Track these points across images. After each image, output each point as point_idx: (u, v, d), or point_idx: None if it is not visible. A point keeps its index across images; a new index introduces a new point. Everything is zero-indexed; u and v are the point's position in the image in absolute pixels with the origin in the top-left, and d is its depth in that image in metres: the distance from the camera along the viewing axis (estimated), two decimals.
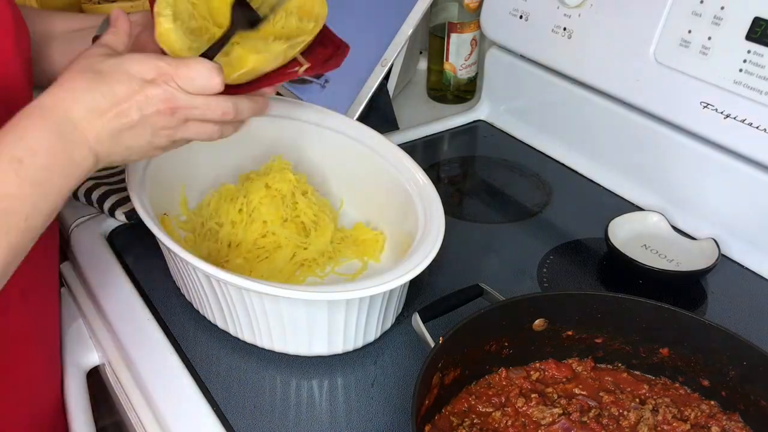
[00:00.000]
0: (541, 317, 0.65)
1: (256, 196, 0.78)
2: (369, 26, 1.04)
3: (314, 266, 0.79)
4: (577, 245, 0.88)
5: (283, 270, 0.77)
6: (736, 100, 0.79)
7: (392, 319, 0.73)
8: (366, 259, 0.81)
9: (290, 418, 0.65)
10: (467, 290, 0.69)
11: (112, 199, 0.87)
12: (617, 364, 0.68)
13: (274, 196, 0.79)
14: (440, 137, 1.12)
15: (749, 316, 0.77)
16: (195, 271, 0.68)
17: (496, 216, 0.95)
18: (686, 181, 0.88)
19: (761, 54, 0.76)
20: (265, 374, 0.69)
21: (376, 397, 0.67)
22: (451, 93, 1.20)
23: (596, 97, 0.96)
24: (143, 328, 0.73)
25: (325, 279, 0.79)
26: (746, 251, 0.84)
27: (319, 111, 0.87)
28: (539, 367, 0.67)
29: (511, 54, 1.08)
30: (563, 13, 0.96)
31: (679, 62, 0.83)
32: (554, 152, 1.05)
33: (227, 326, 0.72)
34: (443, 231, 0.70)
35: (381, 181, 0.81)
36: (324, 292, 0.64)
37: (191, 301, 0.76)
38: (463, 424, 0.61)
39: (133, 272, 0.80)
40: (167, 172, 0.80)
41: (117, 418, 0.73)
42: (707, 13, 0.80)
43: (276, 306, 0.66)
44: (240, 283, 0.63)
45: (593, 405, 0.64)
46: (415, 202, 0.75)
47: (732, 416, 0.63)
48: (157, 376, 0.68)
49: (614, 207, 0.92)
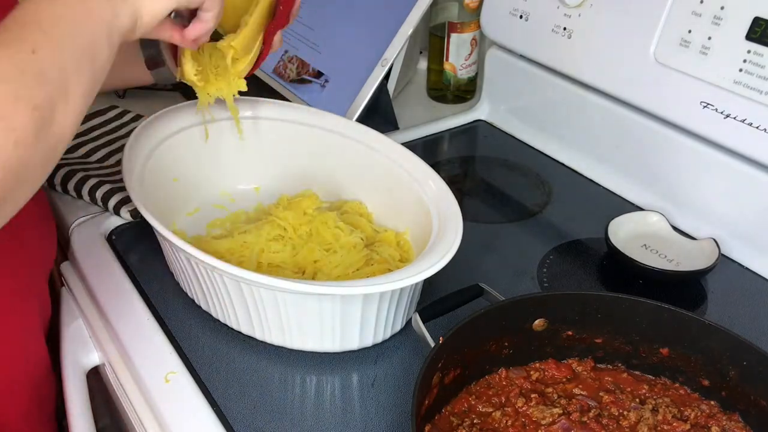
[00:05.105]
0: (541, 317, 0.65)
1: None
2: (369, 26, 1.04)
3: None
4: (577, 245, 0.88)
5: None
6: (735, 99, 0.79)
7: (402, 320, 0.73)
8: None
9: (290, 418, 0.65)
10: (467, 290, 0.69)
11: (116, 197, 0.87)
12: (617, 364, 0.68)
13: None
14: (440, 137, 1.12)
15: (749, 316, 0.77)
16: (198, 265, 0.69)
17: (496, 216, 0.95)
18: (686, 181, 0.88)
19: (761, 54, 0.76)
20: (266, 374, 0.69)
21: (376, 396, 0.67)
22: (451, 93, 1.20)
23: (596, 97, 0.96)
24: (143, 328, 0.73)
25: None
26: (746, 251, 0.84)
27: (336, 119, 0.87)
28: (539, 367, 0.67)
29: (511, 54, 1.08)
30: (563, 13, 0.96)
31: (679, 62, 0.83)
32: (554, 152, 1.05)
33: (227, 318, 0.72)
34: (461, 232, 0.70)
35: (397, 186, 0.81)
36: (339, 287, 0.63)
37: (193, 297, 0.76)
38: (463, 424, 0.61)
39: (133, 272, 0.80)
40: (167, 170, 0.81)
41: (117, 418, 0.73)
42: (707, 13, 0.80)
43: (289, 300, 0.66)
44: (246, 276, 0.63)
45: (593, 405, 0.64)
46: (429, 206, 0.76)
47: (732, 416, 0.63)
48: (157, 376, 0.68)
49: (614, 207, 0.92)
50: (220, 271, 0.65)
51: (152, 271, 0.80)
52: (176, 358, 0.70)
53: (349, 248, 0.77)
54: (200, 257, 0.64)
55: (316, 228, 0.79)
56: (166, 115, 0.83)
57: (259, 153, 0.88)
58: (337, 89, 1.05)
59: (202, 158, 0.86)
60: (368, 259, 0.77)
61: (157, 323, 0.74)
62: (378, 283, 0.64)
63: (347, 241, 0.77)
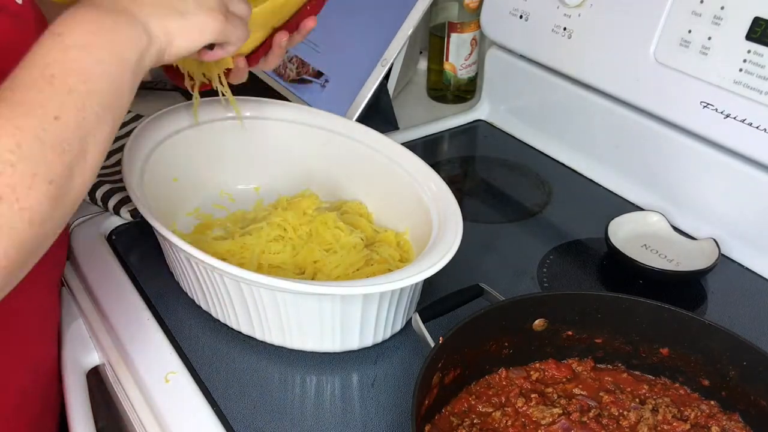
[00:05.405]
0: (541, 317, 0.65)
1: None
2: (369, 26, 1.04)
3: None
4: (577, 245, 0.87)
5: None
6: (736, 99, 0.79)
7: (402, 320, 0.73)
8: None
9: (290, 418, 0.65)
10: (467, 290, 0.69)
11: (116, 197, 0.87)
12: (617, 364, 0.68)
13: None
14: (440, 137, 1.12)
15: (749, 316, 0.77)
16: (198, 265, 0.69)
17: (496, 216, 0.95)
18: (686, 181, 0.88)
19: (761, 54, 0.76)
20: (266, 373, 0.69)
21: (376, 396, 0.67)
22: (451, 93, 1.20)
23: (596, 97, 0.96)
24: (143, 328, 0.73)
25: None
26: (746, 251, 0.84)
27: (336, 119, 0.87)
28: (539, 367, 0.67)
29: (511, 54, 1.08)
30: (563, 13, 0.96)
31: (679, 62, 0.83)
32: (554, 152, 1.05)
33: (227, 318, 0.72)
34: (461, 232, 0.70)
35: (397, 186, 0.81)
36: (339, 287, 0.63)
37: (193, 297, 0.76)
38: (463, 424, 0.61)
39: (133, 272, 0.80)
40: (166, 170, 0.81)
41: (117, 418, 0.73)
42: (707, 13, 0.80)
43: (289, 301, 0.66)
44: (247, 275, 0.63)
45: (593, 405, 0.64)
46: (429, 206, 0.76)
47: (732, 416, 0.63)
48: (157, 376, 0.68)
49: (614, 207, 0.92)
50: (220, 271, 0.65)
51: (152, 271, 0.80)
52: (176, 358, 0.70)
53: (349, 248, 0.77)
54: (200, 257, 0.64)
55: (316, 228, 0.79)
56: (166, 115, 0.83)
57: (259, 153, 0.88)
58: (337, 89, 1.05)
59: (202, 158, 0.86)
60: (368, 260, 0.77)
61: (157, 323, 0.74)
62: (378, 283, 0.64)
63: (347, 241, 0.77)
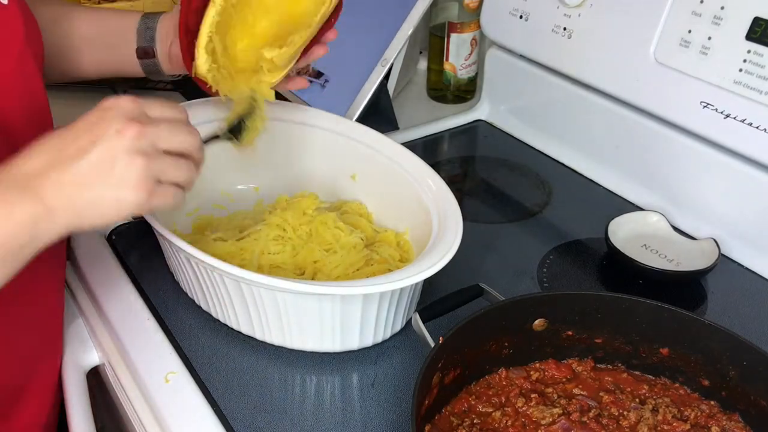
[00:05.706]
0: (541, 317, 0.65)
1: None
2: (369, 26, 1.04)
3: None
4: (577, 245, 0.87)
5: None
6: (736, 99, 0.79)
7: (402, 320, 0.73)
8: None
9: (290, 418, 0.65)
10: (467, 290, 0.69)
11: None
12: (617, 364, 0.68)
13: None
14: (440, 137, 1.12)
15: (749, 316, 0.77)
16: (198, 265, 0.69)
17: (496, 216, 0.95)
18: (686, 181, 0.88)
19: (761, 54, 0.76)
20: (266, 373, 0.69)
21: (376, 396, 0.67)
22: (451, 93, 1.20)
23: (596, 97, 0.96)
24: (143, 328, 0.73)
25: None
26: (746, 251, 0.84)
27: (336, 119, 0.87)
28: (539, 367, 0.67)
29: (511, 54, 1.08)
30: (563, 13, 0.96)
31: (679, 62, 0.83)
32: (554, 152, 1.05)
33: (227, 318, 0.72)
34: (461, 232, 0.70)
35: (396, 186, 0.81)
36: (339, 287, 0.63)
37: (193, 297, 0.76)
38: (463, 424, 0.61)
39: (133, 272, 0.80)
40: None
41: (117, 418, 0.73)
42: (707, 13, 0.80)
43: (289, 301, 0.66)
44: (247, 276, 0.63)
45: (593, 405, 0.64)
46: (429, 206, 0.76)
47: (732, 416, 0.63)
48: (157, 376, 0.68)
49: (614, 207, 0.92)
50: (220, 271, 0.65)
51: (152, 271, 0.80)
52: (176, 358, 0.70)
53: (349, 248, 0.77)
54: (200, 257, 0.64)
55: (316, 228, 0.79)
56: None
57: (259, 153, 0.88)
58: (337, 89, 1.05)
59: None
60: (368, 260, 0.77)
61: (157, 323, 0.74)
62: (378, 283, 0.64)
63: (347, 241, 0.77)
